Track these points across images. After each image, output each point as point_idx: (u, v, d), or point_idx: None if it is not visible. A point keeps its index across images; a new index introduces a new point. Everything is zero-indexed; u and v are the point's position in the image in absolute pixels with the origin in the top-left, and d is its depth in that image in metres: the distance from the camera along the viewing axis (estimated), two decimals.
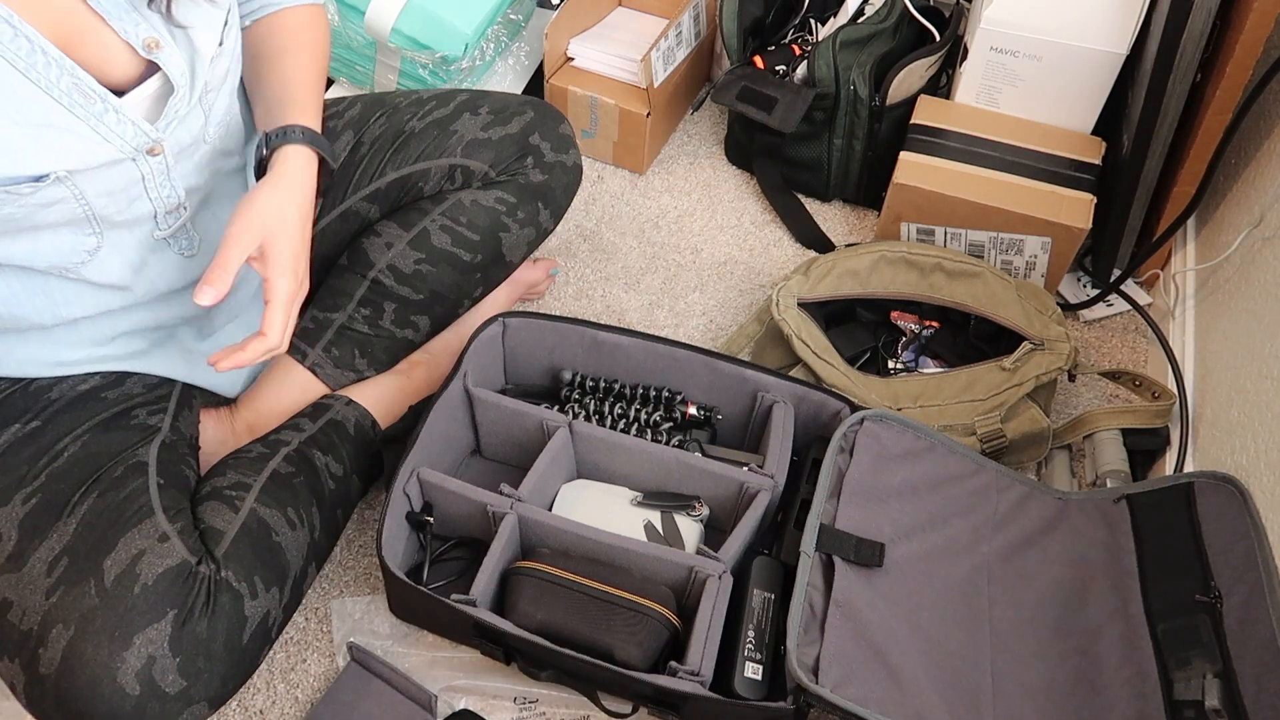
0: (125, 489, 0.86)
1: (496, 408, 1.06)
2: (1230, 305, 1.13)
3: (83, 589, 0.79)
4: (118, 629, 0.78)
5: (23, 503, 0.84)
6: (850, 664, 0.86)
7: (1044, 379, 1.11)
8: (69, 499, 0.84)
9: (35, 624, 0.79)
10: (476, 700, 0.97)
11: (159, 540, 0.83)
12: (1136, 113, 1.15)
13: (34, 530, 0.83)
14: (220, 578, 0.84)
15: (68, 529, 0.82)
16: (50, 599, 0.79)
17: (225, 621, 0.83)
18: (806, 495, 1.00)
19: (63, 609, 0.79)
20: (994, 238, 1.24)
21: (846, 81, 1.32)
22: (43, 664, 0.78)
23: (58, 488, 0.85)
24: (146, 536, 0.83)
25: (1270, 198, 1.09)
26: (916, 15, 1.36)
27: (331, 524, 0.99)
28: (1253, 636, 0.83)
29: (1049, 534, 1.01)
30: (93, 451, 0.88)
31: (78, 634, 0.78)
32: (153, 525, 0.84)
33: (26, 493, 0.84)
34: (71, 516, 0.83)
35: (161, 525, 0.84)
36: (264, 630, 0.87)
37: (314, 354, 1.07)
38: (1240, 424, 1.01)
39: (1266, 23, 1.04)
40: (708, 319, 1.32)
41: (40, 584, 0.80)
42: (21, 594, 0.80)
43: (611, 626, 0.92)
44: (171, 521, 0.85)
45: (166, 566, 0.81)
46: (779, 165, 1.43)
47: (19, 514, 0.83)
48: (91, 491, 0.85)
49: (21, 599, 0.80)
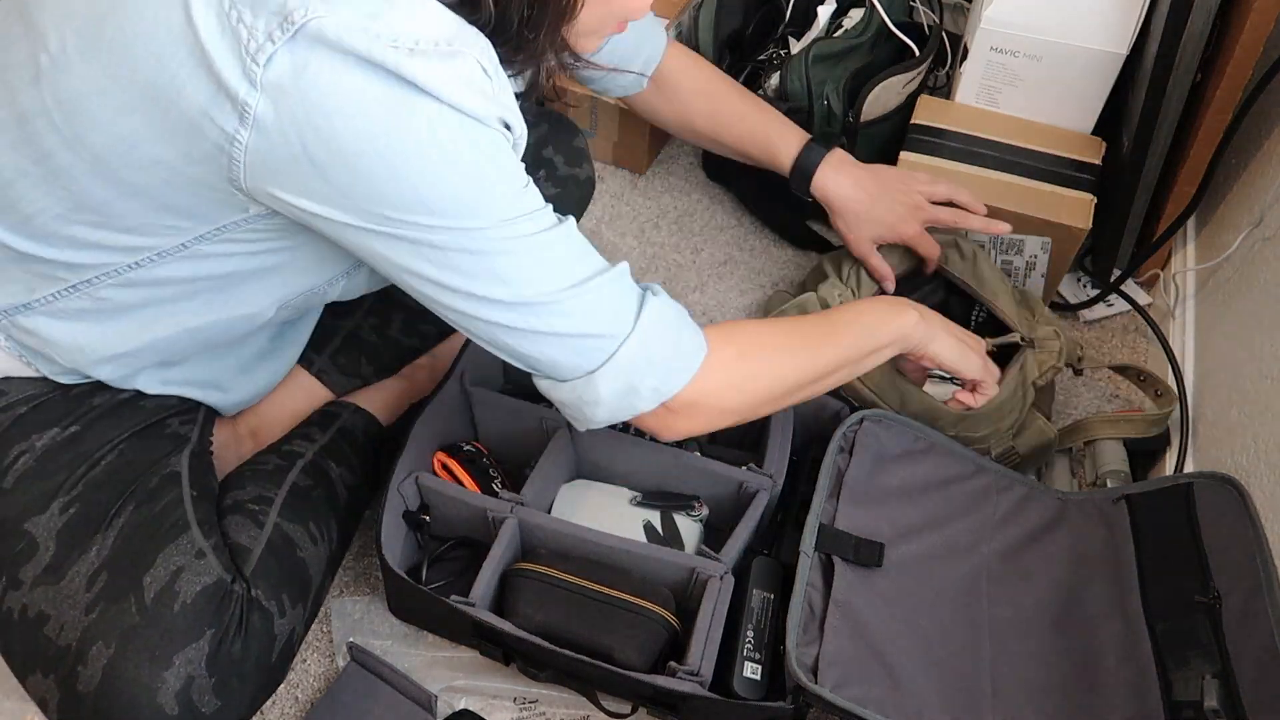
0: (161, 500, 0.86)
1: (496, 406, 1.06)
2: (1230, 305, 1.13)
3: (123, 606, 0.79)
4: (159, 648, 0.78)
5: (60, 512, 0.83)
6: (849, 664, 0.86)
7: (1040, 381, 1.10)
8: (107, 510, 0.84)
9: (74, 640, 0.78)
10: (476, 700, 0.97)
11: (196, 557, 0.82)
12: (1136, 113, 1.14)
13: (72, 542, 0.82)
14: (251, 597, 0.84)
15: (106, 542, 0.82)
16: (90, 615, 0.78)
17: (257, 641, 0.83)
18: (806, 495, 1.00)
19: (103, 626, 0.78)
20: (994, 238, 1.24)
21: (819, 96, 1.29)
22: (81, 681, 0.77)
23: (96, 498, 0.84)
24: (184, 553, 0.82)
25: (1270, 198, 1.09)
26: (895, 30, 1.33)
27: (346, 534, 1.00)
28: (1252, 637, 0.83)
29: (1048, 534, 1.01)
30: (129, 460, 0.87)
31: (118, 653, 0.77)
32: (189, 540, 0.83)
33: (64, 501, 0.83)
34: (110, 529, 0.82)
35: (198, 541, 0.84)
36: (289, 647, 0.88)
37: (320, 360, 1.08)
38: (1240, 424, 1.01)
39: (1266, 23, 1.04)
40: (708, 319, 1.32)
41: (79, 599, 0.79)
42: (59, 608, 0.79)
43: (611, 628, 0.92)
44: (206, 537, 0.85)
45: (204, 585, 0.81)
46: (756, 182, 1.38)
47: (56, 524, 0.82)
48: (129, 503, 0.84)
49: (59, 613, 0.79)
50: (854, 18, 1.34)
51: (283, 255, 0.81)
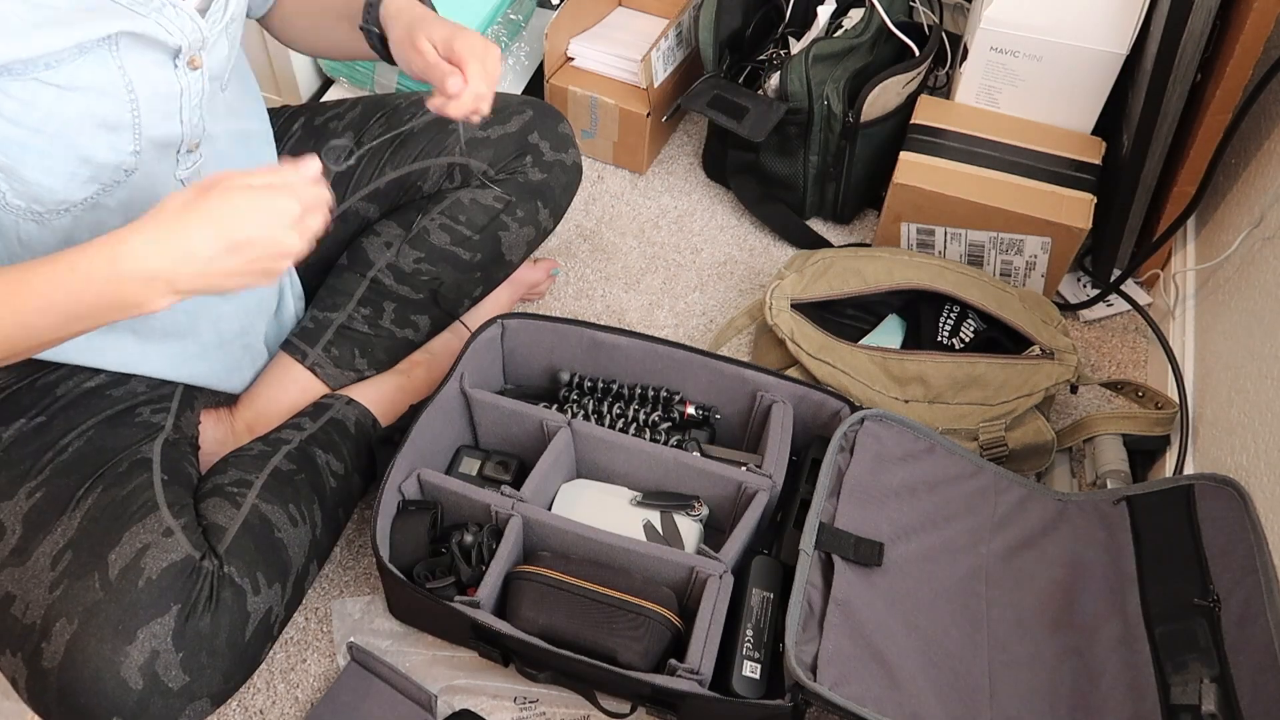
0: (130, 484, 0.86)
1: (495, 408, 1.06)
2: (1230, 305, 1.13)
3: (87, 583, 0.79)
4: (121, 623, 0.78)
5: (27, 497, 0.84)
6: (848, 662, 0.86)
7: (1052, 390, 1.10)
8: (73, 493, 0.84)
9: (38, 618, 0.79)
10: (476, 700, 0.97)
11: (163, 535, 0.83)
12: (1136, 113, 1.15)
13: (38, 524, 0.83)
14: (223, 573, 0.84)
15: (72, 523, 0.83)
16: (54, 593, 0.79)
17: (228, 617, 0.83)
18: (806, 495, 1.00)
19: (66, 603, 0.79)
20: (994, 238, 1.24)
21: (820, 97, 1.29)
22: (45, 658, 0.78)
23: (62, 482, 0.85)
24: (151, 531, 0.83)
25: (1270, 198, 1.09)
26: (895, 30, 1.33)
27: (333, 522, 0.99)
28: (1250, 641, 0.83)
29: (1048, 535, 1.01)
30: (97, 447, 0.88)
31: (81, 628, 0.78)
32: (157, 520, 0.84)
33: (31, 486, 0.84)
34: (76, 511, 0.83)
35: (166, 520, 0.84)
36: (266, 627, 0.87)
37: (314, 354, 1.08)
38: (1240, 424, 1.01)
39: (1266, 23, 1.04)
40: (708, 319, 1.32)
41: (44, 578, 0.80)
42: (25, 588, 0.80)
43: (614, 629, 0.92)
44: (176, 517, 0.85)
45: (170, 561, 0.81)
46: (755, 182, 1.40)
47: (23, 508, 0.83)
48: (96, 486, 0.85)
49: (25, 593, 0.80)
50: (854, 18, 1.34)
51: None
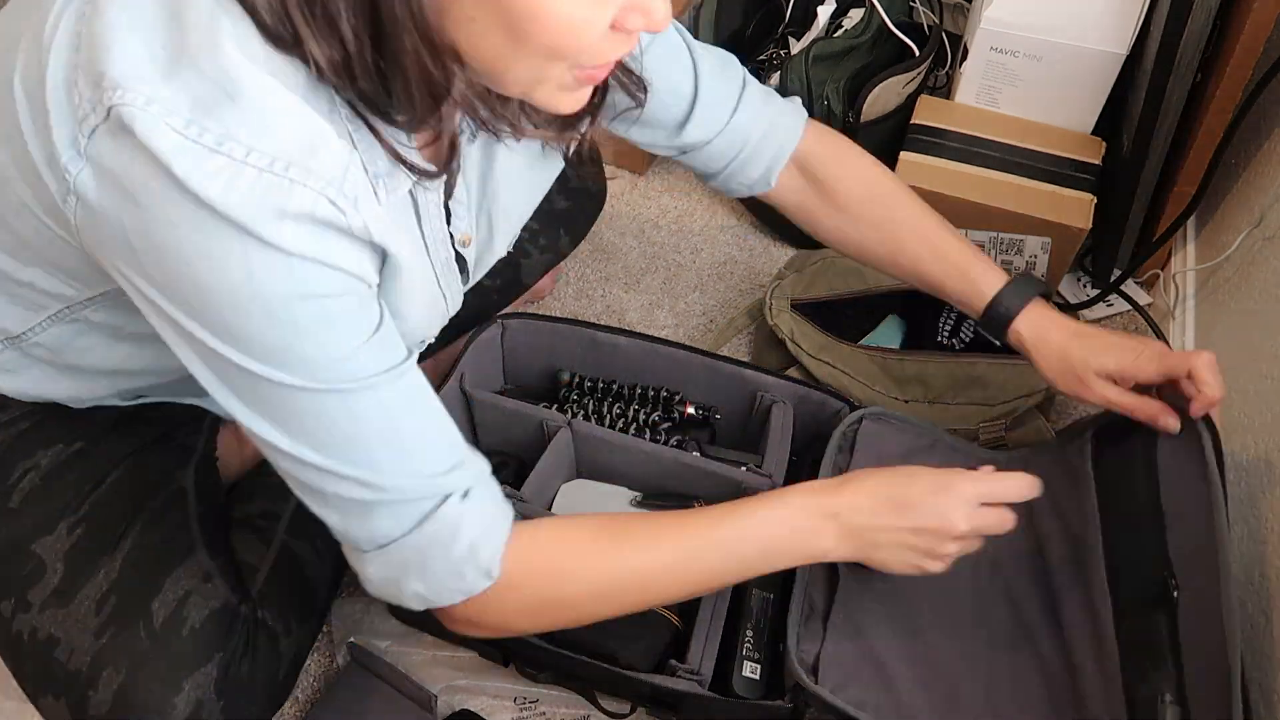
0: (167, 521, 0.86)
1: (495, 409, 1.06)
2: (1230, 305, 1.13)
3: (133, 631, 0.79)
4: (168, 673, 0.78)
5: (68, 532, 0.83)
6: (849, 665, 0.86)
7: (1052, 390, 1.10)
8: (114, 531, 0.84)
9: (84, 665, 0.78)
10: (476, 700, 0.97)
11: (203, 580, 0.83)
12: (1136, 113, 1.14)
13: (80, 565, 0.82)
14: (258, 618, 0.85)
15: (114, 565, 0.82)
16: (100, 640, 0.79)
17: (264, 662, 0.84)
18: None
19: (113, 651, 0.78)
20: (994, 238, 1.24)
21: (820, 97, 1.29)
22: (93, 706, 0.78)
23: (102, 517, 0.84)
24: (192, 576, 0.83)
25: (1270, 198, 1.09)
26: (895, 30, 1.33)
27: None
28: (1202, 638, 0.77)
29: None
30: (136, 478, 0.87)
31: (129, 678, 0.78)
32: (196, 564, 0.84)
33: (71, 521, 0.83)
34: (117, 551, 0.83)
35: (204, 563, 0.84)
36: (296, 664, 0.88)
37: None
38: (1240, 424, 1.01)
39: (1266, 23, 1.04)
40: (708, 319, 1.32)
41: (89, 623, 0.80)
42: (69, 632, 0.80)
43: (614, 629, 0.91)
44: (213, 557, 0.85)
45: (211, 609, 0.82)
46: None
47: (65, 545, 0.82)
48: (135, 523, 0.84)
49: (69, 637, 0.79)
50: (854, 18, 1.34)
51: None
